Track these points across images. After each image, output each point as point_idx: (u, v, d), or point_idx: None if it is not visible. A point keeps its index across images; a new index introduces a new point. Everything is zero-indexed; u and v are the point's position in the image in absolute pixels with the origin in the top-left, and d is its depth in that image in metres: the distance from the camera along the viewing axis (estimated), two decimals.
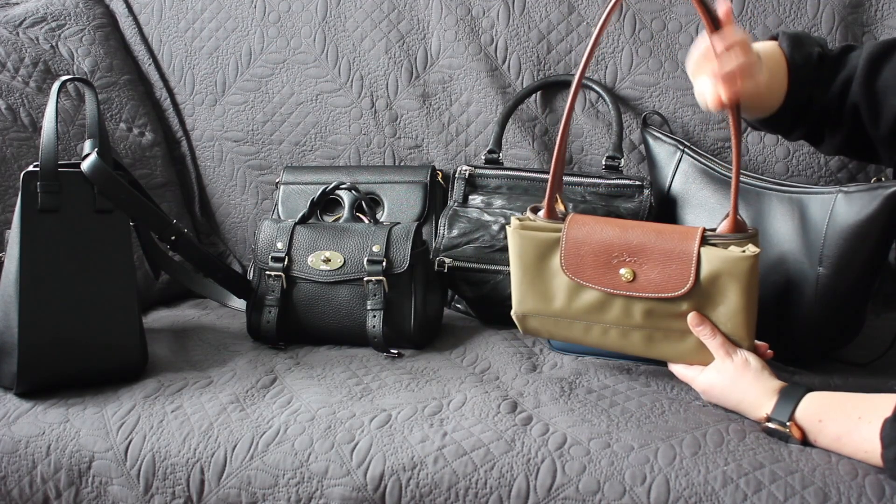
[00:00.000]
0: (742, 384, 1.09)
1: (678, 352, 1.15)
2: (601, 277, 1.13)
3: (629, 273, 1.12)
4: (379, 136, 1.73)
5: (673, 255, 1.09)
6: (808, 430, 1.04)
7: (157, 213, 1.36)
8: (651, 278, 1.11)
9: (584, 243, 1.14)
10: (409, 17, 1.72)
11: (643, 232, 1.12)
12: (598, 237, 1.13)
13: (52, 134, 1.22)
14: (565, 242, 1.15)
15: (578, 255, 1.14)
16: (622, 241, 1.12)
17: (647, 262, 1.11)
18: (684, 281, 1.09)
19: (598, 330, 1.17)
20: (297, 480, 1.08)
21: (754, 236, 1.09)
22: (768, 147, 1.56)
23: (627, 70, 1.62)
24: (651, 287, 1.11)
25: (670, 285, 1.10)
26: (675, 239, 1.10)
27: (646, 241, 1.11)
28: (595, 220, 1.16)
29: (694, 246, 1.08)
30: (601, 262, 1.13)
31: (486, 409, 1.14)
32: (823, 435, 1.03)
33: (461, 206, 1.53)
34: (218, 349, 1.39)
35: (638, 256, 1.11)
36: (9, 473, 1.15)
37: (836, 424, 1.02)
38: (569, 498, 1.01)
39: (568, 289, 1.16)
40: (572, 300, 1.16)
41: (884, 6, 1.53)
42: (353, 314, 1.38)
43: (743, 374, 1.10)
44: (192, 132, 1.83)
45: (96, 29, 1.81)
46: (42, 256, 1.21)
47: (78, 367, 1.23)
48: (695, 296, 1.09)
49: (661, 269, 1.10)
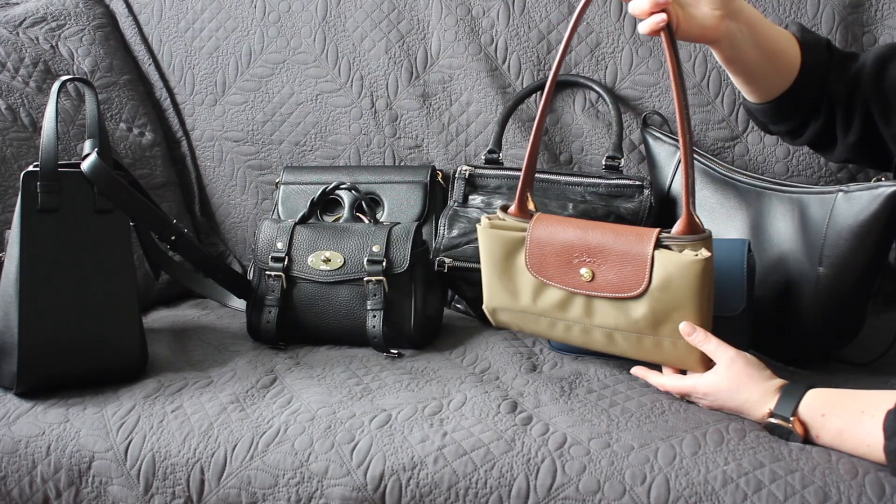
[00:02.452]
0: (746, 384, 1.09)
1: (636, 351, 1.16)
2: (562, 276, 1.16)
3: (588, 273, 1.14)
4: (379, 136, 1.73)
5: (629, 257, 1.12)
6: (810, 425, 1.03)
7: (157, 213, 1.36)
8: (608, 279, 1.13)
9: (547, 244, 1.17)
10: (409, 17, 1.72)
11: (602, 233, 1.14)
12: (560, 238, 1.16)
13: (52, 134, 1.22)
14: (529, 242, 1.18)
15: (542, 254, 1.17)
16: (582, 242, 1.15)
17: (605, 263, 1.13)
18: (639, 283, 1.11)
19: (562, 326, 1.20)
20: (297, 480, 1.08)
21: (707, 238, 1.09)
22: (768, 147, 1.56)
23: (627, 70, 1.62)
24: (609, 287, 1.13)
25: (626, 286, 1.12)
26: (631, 241, 1.12)
27: (604, 242, 1.14)
28: (559, 220, 1.19)
29: (649, 249, 1.10)
30: (562, 262, 1.16)
31: (486, 409, 1.14)
32: (826, 430, 1.02)
33: (461, 206, 1.53)
34: (218, 349, 1.39)
35: (596, 257, 1.14)
36: (9, 473, 1.15)
37: (838, 419, 1.02)
38: (569, 498, 1.01)
39: (533, 286, 1.19)
40: (537, 297, 1.19)
41: (884, 6, 1.53)
42: (353, 314, 1.38)
43: (746, 374, 1.09)
44: (192, 132, 1.83)
45: (96, 29, 1.81)
46: (42, 256, 1.21)
47: (78, 367, 1.23)
48: (650, 297, 1.11)
49: (618, 271, 1.12)
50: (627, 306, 1.13)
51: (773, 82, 1.24)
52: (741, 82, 1.25)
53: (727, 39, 1.16)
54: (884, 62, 1.22)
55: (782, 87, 1.24)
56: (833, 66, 1.24)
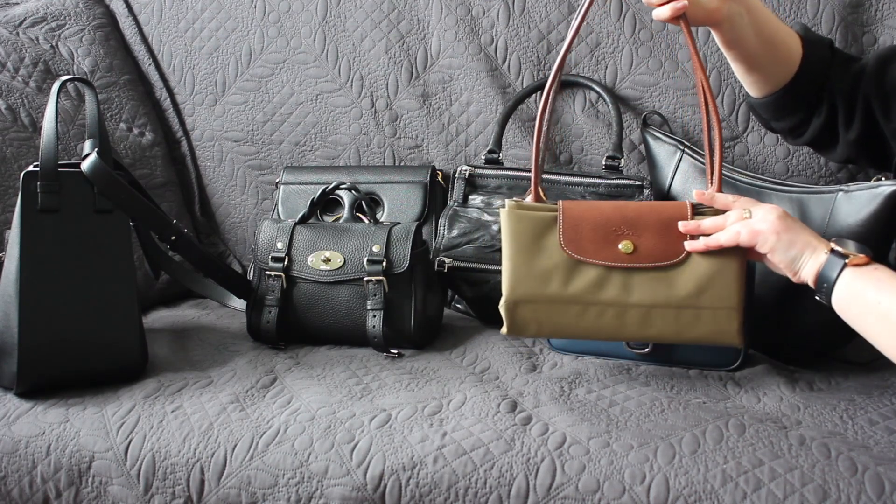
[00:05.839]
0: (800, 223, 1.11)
1: (673, 330, 1.16)
2: (600, 251, 1.15)
3: (629, 245, 1.15)
4: (379, 136, 1.73)
5: (671, 224, 1.13)
6: (864, 273, 1.04)
7: (157, 213, 1.36)
8: (651, 248, 1.14)
9: (583, 220, 1.16)
10: (409, 17, 1.72)
11: (637, 206, 1.17)
12: (596, 212, 1.16)
13: (52, 134, 1.22)
14: (563, 220, 1.17)
15: (577, 231, 1.16)
16: (620, 215, 1.15)
17: (647, 232, 1.14)
18: (683, 246, 1.13)
19: (594, 313, 1.17)
20: (297, 480, 1.08)
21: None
22: (768, 147, 1.56)
23: (627, 70, 1.62)
24: (652, 257, 1.14)
25: (670, 252, 1.13)
26: (668, 210, 1.15)
27: (642, 213, 1.15)
28: (587, 202, 1.20)
29: (688, 214, 1.14)
30: (600, 237, 1.15)
31: (485, 408, 1.14)
32: (876, 278, 1.03)
33: (461, 206, 1.53)
34: (218, 349, 1.39)
35: (636, 228, 1.15)
36: (9, 473, 1.15)
37: (884, 272, 1.04)
38: (568, 497, 1.01)
39: (565, 269, 1.17)
40: (569, 280, 1.17)
41: (884, 6, 1.52)
42: (353, 314, 1.38)
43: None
44: (192, 132, 1.83)
45: (96, 29, 1.81)
46: (42, 256, 1.21)
47: (78, 367, 1.23)
48: (694, 263, 1.13)
49: (661, 238, 1.14)
50: (670, 277, 1.14)
51: (774, 72, 1.25)
52: (742, 71, 1.27)
53: (728, 21, 1.18)
54: (885, 62, 1.24)
55: (783, 80, 1.26)
56: (835, 64, 1.26)
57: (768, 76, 1.26)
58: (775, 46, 1.24)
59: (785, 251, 1.08)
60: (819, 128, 1.28)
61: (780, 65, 1.25)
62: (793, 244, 1.08)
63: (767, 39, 1.22)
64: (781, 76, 1.26)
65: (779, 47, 1.24)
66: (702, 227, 1.13)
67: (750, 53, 1.23)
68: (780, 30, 1.24)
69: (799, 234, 1.09)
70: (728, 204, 1.14)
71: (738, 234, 1.10)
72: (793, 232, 1.09)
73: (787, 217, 1.10)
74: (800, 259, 1.08)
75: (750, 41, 1.21)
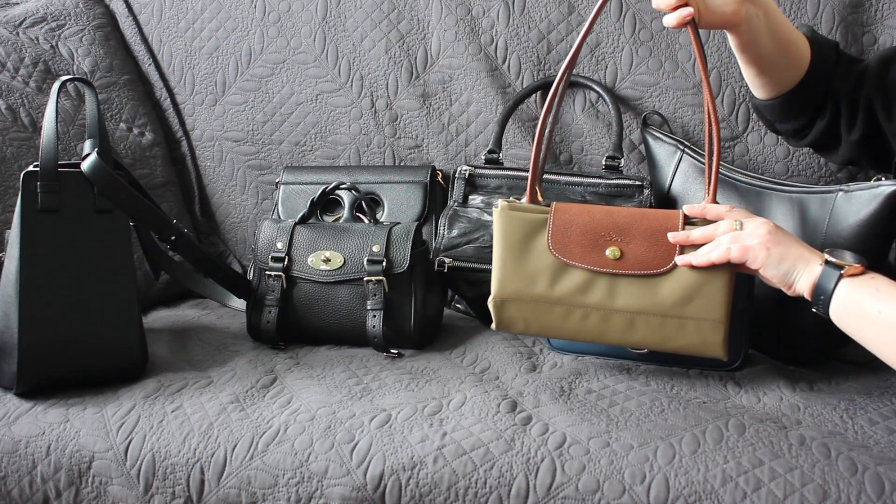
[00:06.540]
0: (792, 236, 1.11)
1: (658, 338, 1.16)
2: (587, 256, 1.16)
3: (616, 252, 1.15)
4: (379, 136, 1.73)
5: (660, 233, 1.14)
6: (861, 283, 1.03)
7: (157, 213, 1.36)
8: (638, 255, 1.14)
9: (572, 223, 1.17)
10: (409, 17, 1.72)
11: (629, 213, 1.17)
12: (587, 217, 1.17)
13: (52, 134, 1.22)
14: (553, 222, 1.18)
15: (566, 234, 1.17)
16: (610, 221, 1.16)
17: (635, 240, 1.15)
18: (671, 257, 1.13)
19: (578, 315, 1.18)
20: (297, 480, 1.08)
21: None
22: (768, 147, 1.56)
23: (627, 70, 1.62)
24: (639, 264, 1.14)
25: (657, 261, 1.13)
26: (659, 218, 1.15)
27: (632, 220, 1.16)
28: (580, 205, 1.20)
29: (678, 224, 1.14)
30: (588, 242, 1.16)
31: (485, 408, 1.14)
32: (874, 287, 1.02)
33: (461, 206, 1.53)
34: (218, 349, 1.39)
35: (625, 235, 1.15)
36: (9, 473, 1.15)
37: (882, 281, 1.03)
38: (568, 497, 1.01)
39: (552, 270, 1.18)
40: (555, 282, 1.18)
41: (884, 6, 1.52)
42: (353, 314, 1.38)
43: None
44: (192, 132, 1.83)
45: (96, 29, 1.81)
46: (42, 256, 1.21)
47: (78, 367, 1.23)
48: (681, 272, 1.12)
49: (649, 246, 1.14)
50: (655, 284, 1.14)
51: (784, 74, 1.25)
52: (753, 74, 1.26)
53: (746, 24, 1.17)
54: (887, 62, 1.25)
55: (792, 82, 1.25)
56: (840, 66, 1.26)
57: (779, 79, 1.26)
58: (788, 49, 1.23)
59: (776, 265, 1.08)
60: (822, 130, 1.28)
61: (791, 67, 1.24)
62: (784, 258, 1.08)
63: (781, 41, 1.21)
64: (791, 78, 1.25)
65: (791, 50, 1.23)
66: (691, 237, 1.13)
67: (763, 56, 1.22)
68: (793, 32, 1.23)
69: (790, 247, 1.08)
70: (720, 214, 1.13)
71: (728, 251, 1.10)
72: (783, 246, 1.08)
73: (777, 231, 1.10)
74: (793, 272, 1.08)
75: (765, 44, 1.20)
